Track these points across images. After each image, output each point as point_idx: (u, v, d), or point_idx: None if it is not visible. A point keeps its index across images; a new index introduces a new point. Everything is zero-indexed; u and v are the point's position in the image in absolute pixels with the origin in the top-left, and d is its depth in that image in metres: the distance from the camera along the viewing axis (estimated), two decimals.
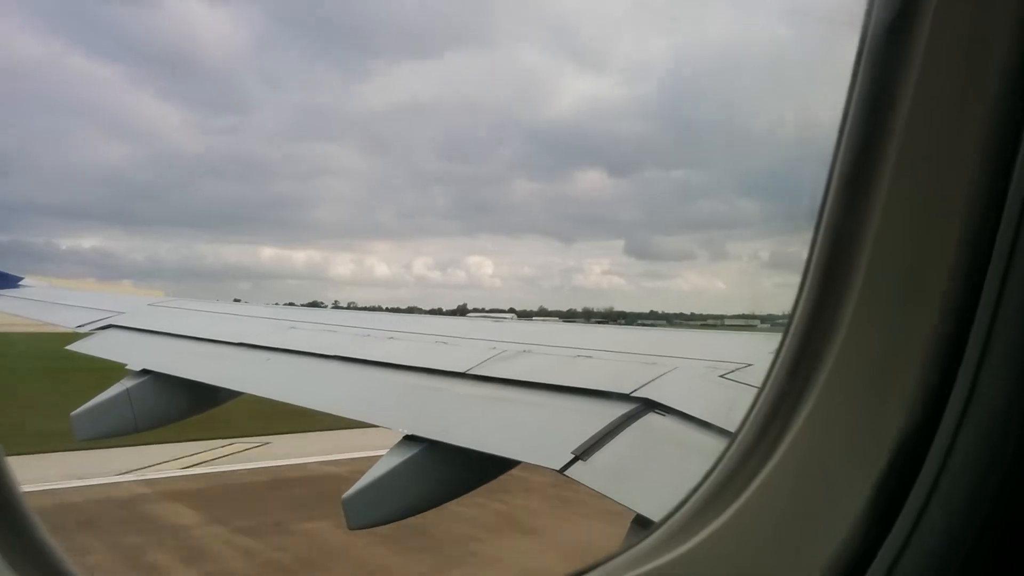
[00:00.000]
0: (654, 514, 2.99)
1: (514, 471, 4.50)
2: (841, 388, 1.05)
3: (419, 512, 4.60)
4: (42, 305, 10.15)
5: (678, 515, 1.15)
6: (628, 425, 3.91)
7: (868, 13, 1.13)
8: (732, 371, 3.98)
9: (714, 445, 3.10)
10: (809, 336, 1.10)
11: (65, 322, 8.79)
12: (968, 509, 0.94)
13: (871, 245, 1.05)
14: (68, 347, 8.04)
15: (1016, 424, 0.96)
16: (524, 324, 7.10)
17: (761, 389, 1.18)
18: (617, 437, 3.84)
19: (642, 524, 3.24)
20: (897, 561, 0.96)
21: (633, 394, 4.10)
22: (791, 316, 1.14)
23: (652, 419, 3.92)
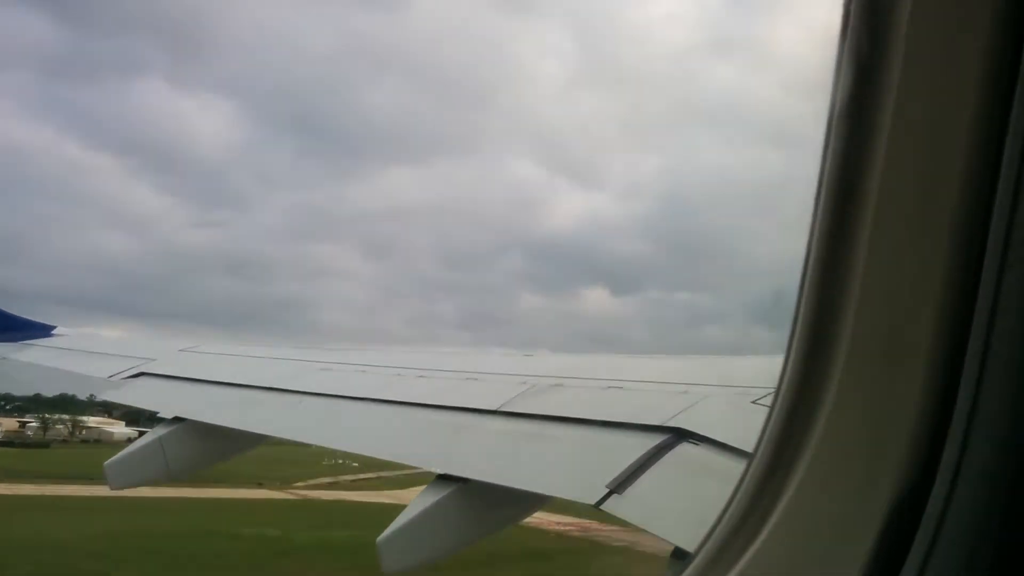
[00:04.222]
0: (691, 545, 2.98)
1: None
2: (832, 455, 1.07)
3: (455, 551, 4.57)
4: (74, 354, 10.26)
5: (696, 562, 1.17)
6: (662, 456, 3.87)
7: (833, 93, 1.17)
8: (763, 396, 3.94)
9: None
10: (799, 397, 1.12)
11: (97, 371, 8.88)
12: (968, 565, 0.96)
13: (854, 308, 1.08)
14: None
15: (1008, 482, 0.97)
16: (555, 357, 7.07)
17: (752, 458, 1.21)
18: (651, 469, 3.81)
19: (679, 556, 3.19)
20: None
21: (665, 424, 4.07)
22: (781, 375, 1.16)
23: (685, 449, 3.88)
